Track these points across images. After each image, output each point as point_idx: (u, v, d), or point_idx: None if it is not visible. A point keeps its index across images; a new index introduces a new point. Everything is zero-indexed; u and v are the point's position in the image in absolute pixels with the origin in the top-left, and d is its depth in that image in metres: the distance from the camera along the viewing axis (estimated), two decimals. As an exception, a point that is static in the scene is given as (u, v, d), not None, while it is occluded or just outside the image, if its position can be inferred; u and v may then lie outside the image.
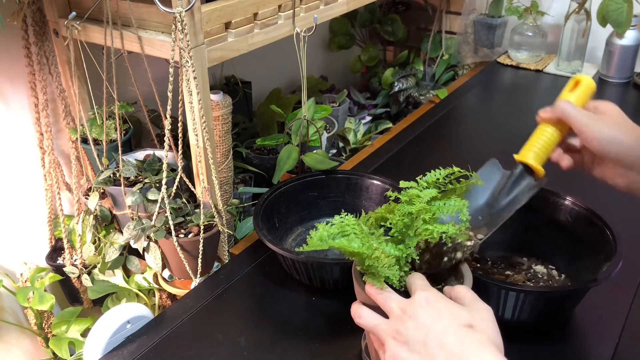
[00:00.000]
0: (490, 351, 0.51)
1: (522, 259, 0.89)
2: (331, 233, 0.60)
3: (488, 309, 0.57)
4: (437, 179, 0.64)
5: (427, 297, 0.56)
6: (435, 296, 0.57)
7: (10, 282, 1.07)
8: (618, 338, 0.77)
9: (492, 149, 1.32)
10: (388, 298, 0.58)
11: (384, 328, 0.57)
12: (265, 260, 0.96)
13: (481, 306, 0.57)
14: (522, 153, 0.73)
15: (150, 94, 1.00)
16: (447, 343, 0.52)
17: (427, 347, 0.53)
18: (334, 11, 1.10)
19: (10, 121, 1.03)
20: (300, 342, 0.79)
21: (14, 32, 0.98)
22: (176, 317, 0.84)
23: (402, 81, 1.69)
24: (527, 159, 0.72)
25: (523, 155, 0.73)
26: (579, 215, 0.84)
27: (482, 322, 0.54)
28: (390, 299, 0.58)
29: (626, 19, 1.41)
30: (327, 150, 1.40)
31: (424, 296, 0.56)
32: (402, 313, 0.56)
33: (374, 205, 1.02)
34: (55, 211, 1.10)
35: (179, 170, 0.91)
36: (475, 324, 0.54)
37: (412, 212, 0.61)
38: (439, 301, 0.56)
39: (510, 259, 0.89)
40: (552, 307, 0.77)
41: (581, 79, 0.71)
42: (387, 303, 0.58)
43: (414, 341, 0.54)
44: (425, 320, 0.54)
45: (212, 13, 0.84)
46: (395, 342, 0.55)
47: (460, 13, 1.78)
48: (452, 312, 0.55)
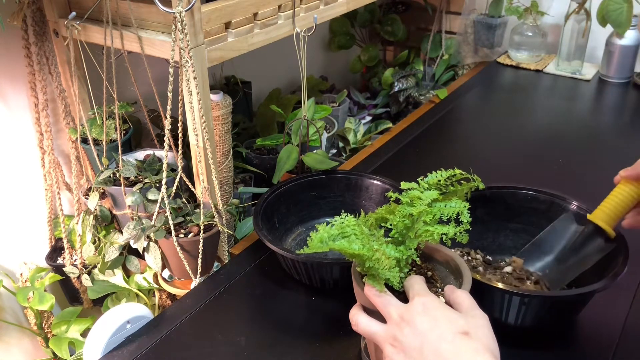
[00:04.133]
0: (485, 358, 0.51)
1: None
2: (331, 234, 0.60)
3: (484, 316, 0.57)
4: (438, 181, 0.64)
5: (425, 303, 0.56)
6: (432, 302, 0.57)
7: (10, 282, 1.07)
8: (617, 341, 0.77)
9: (492, 149, 1.32)
10: (387, 303, 0.58)
11: (382, 334, 0.58)
12: (265, 260, 0.96)
13: (478, 313, 0.57)
14: (595, 213, 0.73)
15: (150, 94, 1.00)
16: (443, 350, 0.52)
17: (423, 354, 0.53)
18: (334, 11, 1.10)
19: (10, 121, 1.03)
20: (300, 342, 0.79)
21: (14, 32, 0.98)
22: (176, 317, 0.84)
23: (402, 81, 1.69)
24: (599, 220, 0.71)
25: (596, 215, 0.72)
26: (583, 219, 0.82)
27: (478, 329, 0.55)
28: (389, 304, 0.58)
29: (626, 19, 1.41)
30: (327, 150, 1.40)
31: (421, 302, 0.56)
32: (400, 319, 0.56)
33: (374, 206, 1.01)
34: (55, 211, 1.10)
35: (179, 170, 0.91)
36: (471, 331, 0.54)
37: (413, 213, 0.61)
38: (436, 308, 0.56)
39: None
40: (556, 312, 0.76)
41: None
42: (386, 308, 0.58)
43: (410, 348, 0.54)
44: (422, 327, 0.54)
45: (212, 13, 0.84)
46: (393, 349, 0.56)
47: (460, 13, 1.78)
48: (448, 318, 0.55)
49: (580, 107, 1.53)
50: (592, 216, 0.73)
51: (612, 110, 1.52)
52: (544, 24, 1.73)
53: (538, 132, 1.37)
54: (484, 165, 1.23)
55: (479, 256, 0.89)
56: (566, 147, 1.30)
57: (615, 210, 0.71)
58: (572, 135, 1.36)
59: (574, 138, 1.35)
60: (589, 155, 1.27)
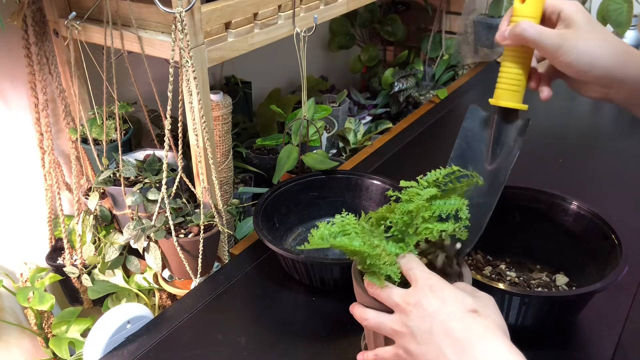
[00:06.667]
0: (496, 336, 0.51)
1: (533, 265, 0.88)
2: (332, 232, 0.60)
3: (490, 297, 0.56)
4: (437, 179, 0.64)
5: (431, 285, 0.55)
6: (438, 282, 0.55)
7: (10, 282, 1.07)
8: (617, 341, 0.77)
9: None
10: (390, 293, 0.57)
11: (390, 324, 0.57)
12: (265, 260, 0.96)
13: (483, 294, 0.56)
14: (495, 95, 0.67)
15: (150, 94, 1.00)
16: (453, 329, 0.51)
17: (432, 335, 0.52)
18: (334, 11, 1.10)
19: (10, 121, 1.03)
20: (300, 342, 0.79)
21: (14, 32, 0.98)
22: (176, 317, 0.84)
23: (402, 81, 1.69)
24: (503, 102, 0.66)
25: (497, 97, 0.67)
26: (583, 219, 0.83)
27: (487, 308, 0.54)
28: (392, 294, 0.57)
29: (626, 19, 1.41)
30: (327, 150, 1.40)
31: (427, 284, 0.55)
32: (406, 304, 0.55)
33: (374, 205, 1.01)
34: (55, 211, 1.10)
35: (179, 170, 0.91)
36: (480, 309, 0.53)
37: (412, 210, 0.61)
38: (442, 287, 0.55)
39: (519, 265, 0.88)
40: (556, 312, 0.76)
41: None
42: (390, 298, 0.57)
43: (420, 331, 0.53)
44: (430, 308, 0.53)
45: (212, 13, 0.84)
46: (403, 335, 0.55)
47: (460, 13, 1.78)
48: (456, 297, 0.54)
49: (581, 107, 1.53)
50: (494, 100, 0.68)
51: (612, 110, 1.52)
52: (544, 24, 1.73)
53: (538, 132, 1.36)
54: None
55: (479, 256, 0.89)
56: (566, 147, 1.30)
57: (512, 82, 0.66)
58: (572, 135, 1.36)
59: (574, 138, 1.35)
60: (589, 155, 1.27)
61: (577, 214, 0.83)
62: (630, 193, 1.10)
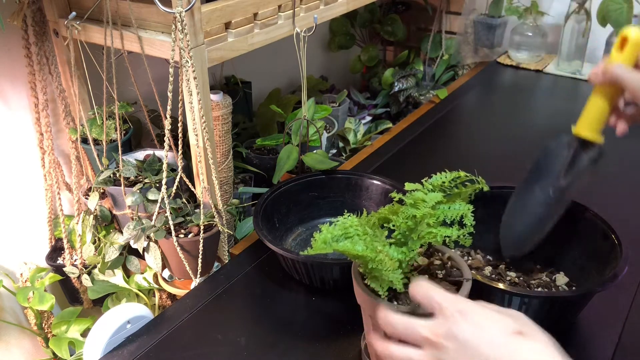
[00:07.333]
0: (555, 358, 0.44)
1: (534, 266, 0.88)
2: (335, 235, 0.59)
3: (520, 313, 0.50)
4: (442, 182, 0.64)
5: (461, 310, 0.48)
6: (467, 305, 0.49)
7: (10, 282, 1.07)
8: (617, 341, 0.77)
9: (492, 149, 1.32)
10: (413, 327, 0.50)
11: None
12: (265, 260, 0.96)
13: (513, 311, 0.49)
14: (578, 126, 0.73)
15: (150, 94, 1.00)
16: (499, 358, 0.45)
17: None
18: (334, 11, 1.10)
19: (10, 121, 1.03)
20: (300, 342, 0.79)
21: (14, 32, 0.98)
22: (176, 317, 0.84)
23: (402, 81, 1.69)
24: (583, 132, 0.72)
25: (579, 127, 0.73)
26: (583, 219, 0.83)
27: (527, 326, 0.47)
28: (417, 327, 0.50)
29: (626, 19, 1.41)
30: (327, 150, 1.40)
31: (456, 309, 0.48)
32: (436, 337, 0.48)
33: (374, 205, 1.02)
34: (55, 211, 1.10)
35: (179, 170, 0.91)
36: (523, 329, 0.47)
37: (417, 215, 0.60)
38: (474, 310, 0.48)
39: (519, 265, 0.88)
40: (556, 312, 0.75)
41: (628, 34, 0.66)
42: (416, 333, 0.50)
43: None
44: (466, 337, 0.46)
45: (212, 13, 0.84)
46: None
47: (460, 13, 1.78)
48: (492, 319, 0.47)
49: (581, 108, 1.52)
50: (576, 130, 0.74)
51: (612, 110, 1.52)
52: (544, 24, 1.73)
53: (538, 133, 1.36)
54: (484, 165, 1.23)
55: (479, 256, 0.89)
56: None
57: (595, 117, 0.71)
58: (572, 135, 1.36)
59: (574, 138, 1.35)
60: (589, 155, 1.27)
61: (577, 214, 0.83)
62: (630, 193, 1.10)
